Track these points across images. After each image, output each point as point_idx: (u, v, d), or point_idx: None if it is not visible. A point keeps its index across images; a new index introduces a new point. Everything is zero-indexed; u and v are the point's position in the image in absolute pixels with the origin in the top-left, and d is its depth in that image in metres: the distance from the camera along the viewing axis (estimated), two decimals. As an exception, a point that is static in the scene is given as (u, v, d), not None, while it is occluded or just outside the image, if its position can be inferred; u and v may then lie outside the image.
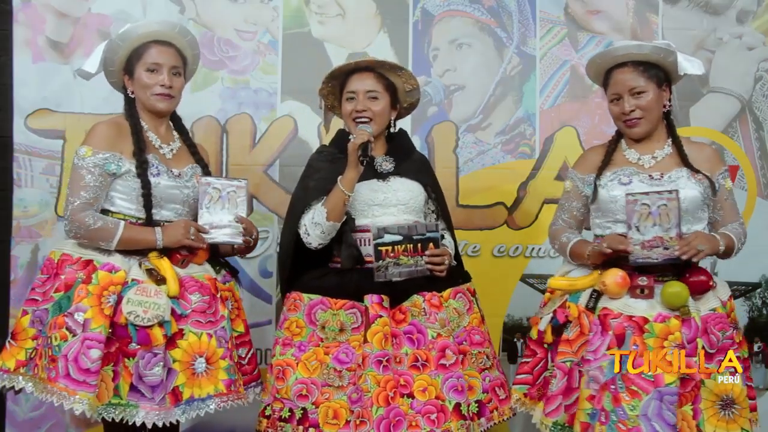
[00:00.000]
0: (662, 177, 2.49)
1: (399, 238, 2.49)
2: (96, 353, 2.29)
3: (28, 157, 3.31)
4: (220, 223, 2.50)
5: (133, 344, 2.34)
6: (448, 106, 3.48)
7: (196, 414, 2.40)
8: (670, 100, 2.56)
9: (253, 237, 2.60)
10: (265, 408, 2.51)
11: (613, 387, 2.31)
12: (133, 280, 2.40)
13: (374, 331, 2.42)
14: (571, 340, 2.45)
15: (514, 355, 3.45)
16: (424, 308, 2.49)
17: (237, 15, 3.43)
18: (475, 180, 3.45)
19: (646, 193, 2.39)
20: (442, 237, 2.63)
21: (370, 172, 2.57)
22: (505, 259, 3.44)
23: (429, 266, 2.52)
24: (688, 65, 2.54)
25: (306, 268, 2.61)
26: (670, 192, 2.37)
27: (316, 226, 2.52)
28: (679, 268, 2.40)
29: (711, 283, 2.42)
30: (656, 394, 2.27)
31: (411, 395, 2.38)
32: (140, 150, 2.47)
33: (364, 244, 2.53)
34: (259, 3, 3.44)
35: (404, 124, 3.25)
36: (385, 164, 2.64)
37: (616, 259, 2.42)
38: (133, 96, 2.57)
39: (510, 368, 3.42)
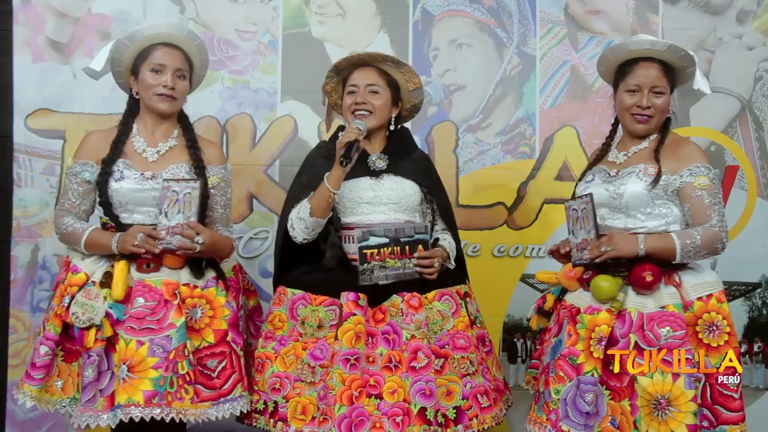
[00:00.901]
0: (617, 174, 2.50)
1: (385, 240, 2.46)
2: (44, 350, 2.43)
3: (28, 157, 3.31)
4: (176, 228, 2.42)
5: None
6: (448, 106, 3.48)
7: (119, 420, 2.32)
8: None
9: (200, 242, 2.42)
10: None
11: (547, 371, 2.46)
12: (92, 281, 2.45)
13: (345, 329, 2.41)
14: (550, 329, 2.61)
15: (514, 355, 3.45)
16: (401, 309, 2.45)
17: (237, 15, 3.43)
18: (475, 180, 3.45)
19: (574, 199, 2.50)
20: (436, 240, 2.61)
21: (363, 169, 2.57)
22: (505, 259, 3.44)
23: (418, 269, 2.49)
24: (702, 82, 2.57)
25: (299, 263, 2.61)
26: (584, 196, 2.44)
27: (300, 221, 2.51)
28: (632, 263, 2.40)
29: (648, 279, 2.36)
30: (576, 382, 2.35)
31: (379, 396, 2.35)
32: (109, 161, 2.52)
33: (350, 242, 2.52)
34: (259, 3, 3.44)
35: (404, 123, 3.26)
36: (379, 162, 2.61)
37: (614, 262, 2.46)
38: (137, 97, 2.59)
39: (510, 368, 3.42)
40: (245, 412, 2.47)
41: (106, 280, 2.44)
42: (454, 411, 2.42)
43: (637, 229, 2.43)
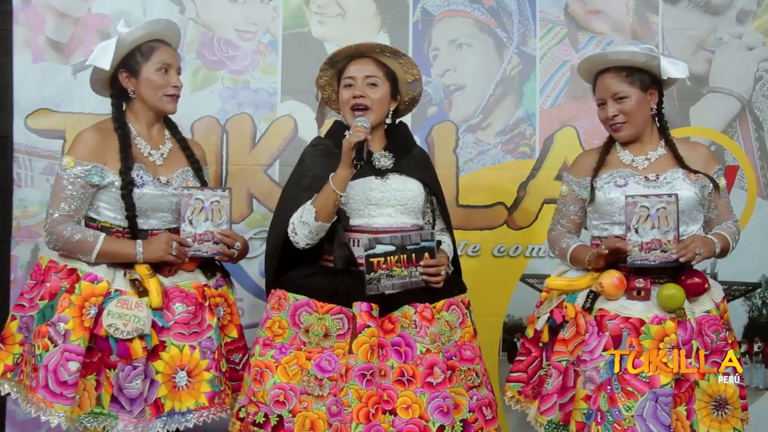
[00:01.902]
0: (658, 178, 2.50)
1: (392, 248, 2.36)
2: (74, 366, 2.28)
3: (28, 157, 3.31)
4: (204, 236, 2.44)
5: (114, 356, 2.33)
6: (448, 106, 3.47)
7: (176, 427, 2.38)
8: (660, 103, 2.57)
9: (238, 248, 2.52)
10: (240, 409, 2.41)
11: (609, 387, 2.33)
12: (116, 290, 2.37)
13: (360, 342, 2.30)
14: (567, 340, 2.46)
15: (514, 355, 3.42)
16: (414, 320, 2.37)
17: (237, 15, 3.43)
18: (475, 180, 3.44)
19: (646, 196, 2.40)
20: (439, 243, 2.51)
21: (368, 168, 2.45)
22: (505, 259, 3.43)
23: (425, 277, 2.40)
24: (672, 69, 2.53)
25: (294, 265, 2.49)
26: (669, 195, 2.38)
27: (304, 226, 2.39)
28: (676, 271, 2.42)
29: (706, 286, 2.43)
30: (651, 395, 2.30)
31: (393, 412, 2.26)
32: (127, 170, 2.41)
33: (357, 245, 2.42)
34: (259, 3, 3.44)
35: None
36: (384, 160, 2.51)
37: (614, 261, 2.44)
38: (132, 96, 2.52)
39: (510, 368, 3.42)
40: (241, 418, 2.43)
41: (135, 289, 2.37)
42: (461, 424, 2.35)
43: (684, 235, 2.45)
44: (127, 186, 2.41)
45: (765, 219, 3.48)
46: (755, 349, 3.48)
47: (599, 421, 2.33)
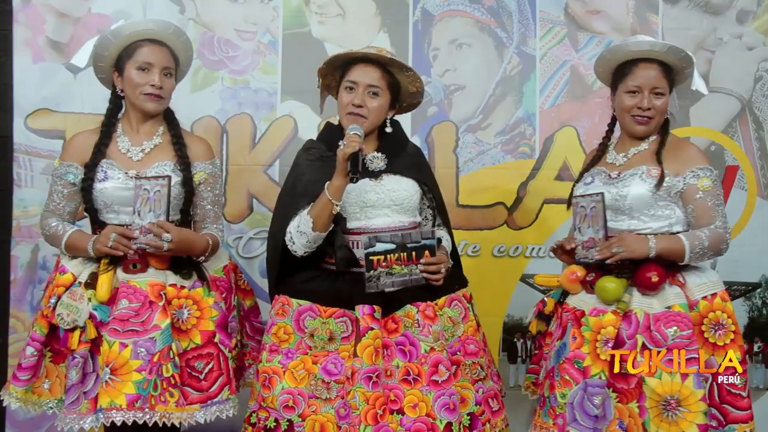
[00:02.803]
0: (619, 175, 2.50)
1: (392, 246, 2.37)
2: (29, 350, 2.42)
3: (28, 157, 3.31)
4: (147, 227, 2.38)
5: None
6: (448, 106, 3.48)
7: (100, 423, 2.33)
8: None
9: (168, 239, 2.36)
10: (251, 415, 2.42)
11: (552, 375, 2.43)
12: (79, 282, 2.43)
13: (365, 345, 2.32)
14: (552, 332, 2.57)
15: (514, 355, 3.45)
16: (417, 320, 2.39)
17: (237, 15, 3.43)
18: (475, 180, 3.44)
19: (583, 196, 2.47)
20: (439, 241, 2.52)
21: (362, 171, 2.42)
22: (505, 259, 3.43)
23: (425, 275, 2.41)
24: (699, 82, 2.58)
25: (295, 269, 2.50)
26: (596, 194, 2.42)
27: (301, 235, 2.39)
28: (635, 264, 2.40)
29: (654, 280, 2.36)
30: (583, 385, 2.34)
31: (401, 411, 2.29)
32: (92, 164, 2.48)
33: (356, 247, 2.43)
34: (259, 3, 3.44)
35: (404, 123, 3.25)
36: (377, 161, 2.50)
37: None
38: (122, 94, 2.54)
39: (510, 368, 3.42)
40: (233, 416, 2.45)
41: (92, 282, 2.41)
42: (469, 418, 2.39)
43: (642, 231, 2.44)
44: (86, 181, 2.48)
45: (765, 219, 3.47)
46: (755, 349, 3.48)
47: (542, 405, 2.47)
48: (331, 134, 2.54)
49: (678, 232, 2.43)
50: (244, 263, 3.24)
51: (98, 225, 2.50)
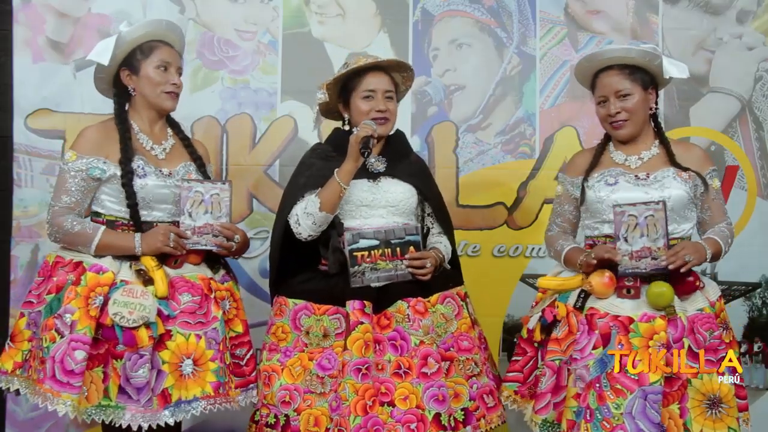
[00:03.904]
0: (648, 177, 2.51)
1: (375, 242, 2.45)
2: (81, 354, 2.28)
3: (28, 157, 3.31)
4: (203, 229, 2.44)
5: (120, 345, 2.33)
6: (448, 106, 3.48)
7: (183, 416, 2.38)
8: (656, 103, 2.59)
9: (237, 242, 2.51)
10: (255, 413, 2.52)
11: (598, 385, 2.34)
12: (121, 281, 2.38)
13: (354, 338, 2.38)
14: (560, 339, 2.47)
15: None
16: (407, 314, 2.45)
17: (237, 15, 3.43)
18: (475, 180, 3.45)
19: (633, 204, 2.41)
20: (427, 246, 2.58)
21: (361, 171, 2.51)
22: (505, 259, 3.44)
23: (411, 270, 2.47)
24: (674, 69, 2.56)
25: (294, 270, 2.58)
26: (657, 203, 2.38)
27: (308, 216, 2.46)
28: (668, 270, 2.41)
29: (697, 284, 2.43)
30: (641, 393, 2.30)
31: (392, 403, 2.35)
32: (127, 160, 2.43)
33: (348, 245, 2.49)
34: (259, 3, 3.44)
35: (404, 123, 3.26)
36: (377, 164, 2.58)
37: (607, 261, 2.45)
38: (133, 93, 2.54)
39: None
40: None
41: (143, 278, 2.38)
42: (462, 413, 2.43)
43: (676, 234, 2.47)
44: (127, 175, 2.43)
45: (765, 219, 3.47)
46: (755, 349, 3.48)
47: (588, 418, 2.33)
48: (339, 138, 2.60)
49: (690, 234, 2.52)
50: (243, 263, 3.24)
51: (133, 219, 2.43)
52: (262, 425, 2.46)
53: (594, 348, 2.38)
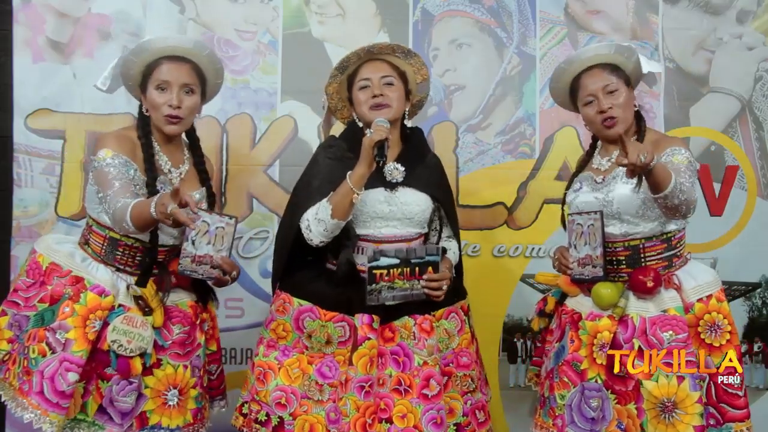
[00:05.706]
0: (603, 179, 2.50)
1: (395, 261, 2.38)
2: (73, 377, 2.27)
3: (28, 157, 3.31)
4: (203, 258, 2.40)
5: (110, 370, 2.33)
6: (448, 106, 3.47)
7: None
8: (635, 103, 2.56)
9: (233, 277, 2.51)
10: (242, 404, 2.49)
11: (551, 376, 2.49)
12: (120, 305, 2.37)
13: (360, 354, 2.35)
14: (553, 330, 2.61)
15: (514, 355, 3.45)
16: (413, 332, 2.41)
17: (237, 15, 3.43)
18: (475, 180, 3.44)
19: (580, 213, 2.47)
20: (444, 251, 2.52)
21: (378, 180, 2.44)
22: (505, 259, 3.43)
23: (426, 291, 2.41)
24: (648, 64, 2.58)
25: (301, 266, 2.52)
26: (595, 212, 2.42)
27: (319, 223, 2.39)
28: (632, 268, 2.43)
29: (648, 285, 2.38)
30: (580, 388, 2.39)
31: (389, 420, 2.32)
32: (153, 179, 2.37)
33: (361, 253, 2.45)
34: (259, 3, 3.44)
35: (404, 124, 3.26)
36: (395, 173, 2.49)
37: None
38: (147, 114, 2.46)
39: (510, 368, 3.42)
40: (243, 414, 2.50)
41: (144, 308, 2.37)
42: (455, 428, 2.44)
43: (636, 234, 2.44)
44: (151, 194, 2.34)
45: (765, 219, 3.47)
46: (755, 349, 3.48)
47: (542, 405, 2.54)
48: (354, 133, 2.54)
49: (670, 231, 2.45)
50: (244, 263, 3.24)
51: (151, 241, 2.40)
52: (251, 420, 2.44)
53: (557, 341, 2.53)
